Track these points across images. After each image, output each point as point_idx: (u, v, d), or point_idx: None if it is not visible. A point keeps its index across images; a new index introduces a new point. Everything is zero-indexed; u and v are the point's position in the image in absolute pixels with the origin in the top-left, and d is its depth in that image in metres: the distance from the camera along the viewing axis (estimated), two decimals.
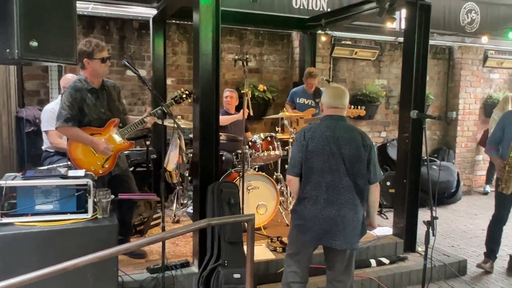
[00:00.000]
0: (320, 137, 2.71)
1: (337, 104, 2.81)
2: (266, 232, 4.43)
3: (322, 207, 2.68)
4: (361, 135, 2.73)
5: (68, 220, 2.61)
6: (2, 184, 2.51)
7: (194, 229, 3.23)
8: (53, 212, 2.61)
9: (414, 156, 4.34)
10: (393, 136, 7.67)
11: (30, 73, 5.45)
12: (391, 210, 4.85)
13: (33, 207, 2.58)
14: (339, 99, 2.81)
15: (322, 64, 6.85)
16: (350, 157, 2.67)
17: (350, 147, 2.68)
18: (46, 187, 2.60)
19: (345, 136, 2.70)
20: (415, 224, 4.37)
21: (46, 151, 4.23)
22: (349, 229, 2.67)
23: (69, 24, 2.40)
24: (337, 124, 2.75)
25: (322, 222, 2.68)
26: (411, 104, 4.26)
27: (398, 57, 7.60)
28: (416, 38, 4.24)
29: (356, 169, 2.67)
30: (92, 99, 3.35)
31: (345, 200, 2.67)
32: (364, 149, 2.68)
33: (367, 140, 2.73)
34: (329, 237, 2.69)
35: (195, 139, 3.72)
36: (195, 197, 3.81)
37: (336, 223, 2.67)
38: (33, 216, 2.57)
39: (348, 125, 2.78)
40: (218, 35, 3.52)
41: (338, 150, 2.67)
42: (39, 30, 2.20)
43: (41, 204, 2.59)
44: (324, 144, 2.69)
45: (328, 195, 2.67)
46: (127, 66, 3.29)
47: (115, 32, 5.91)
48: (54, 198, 2.61)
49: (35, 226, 2.52)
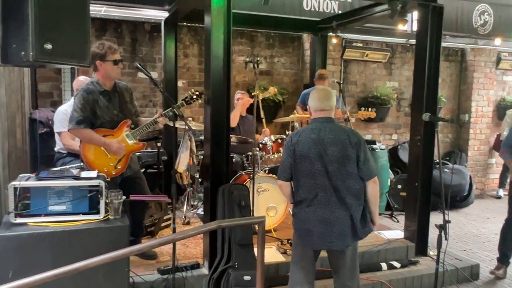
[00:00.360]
0: (305, 141, 2.73)
1: (323, 106, 2.82)
2: (276, 235, 4.43)
3: (315, 209, 2.70)
4: (347, 134, 2.71)
5: (80, 220, 2.63)
6: (16, 184, 2.53)
7: (205, 230, 3.24)
8: (66, 213, 2.63)
9: (426, 159, 4.30)
10: (404, 138, 7.62)
11: (44, 75, 5.52)
12: (402, 213, 4.82)
13: (46, 207, 2.60)
14: (324, 101, 2.82)
15: (333, 66, 6.84)
16: (337, 158, 2.66)
17: (336, 147, 2.67)
18: (59, 188, 2.62)
19: (330, 137, 2.70)
20: (426, 228, 4.33)
21: (58, 153, 4.28)
22: (344, 229, 2.67)
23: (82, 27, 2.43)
24: (323, 126, 2.76)
25: (317, 224, 2.70)
26: (423, 107, 4.22)
27: (410, 59, 7.55)
28: (429, 40, 4.21)
29: (345, 169, 2.66)
30: (104, 101, 3.38)
31: (337, 201, 2.67)
32: (351, 148, 2.67)
33: (354, 138, 2.70)
34: (326, 240, 2.70)
35: (206, 141, 3.73)
36: (206, 199, 3.81)
37: (331, 225, 2.67)
38: (46, 216, 2.59)
39: (334, 126, 2.77)
40: (230, 37, 3.53)
41: (324, 152, 2.68)
42: (53, 33, 2.23)
43: (54, 204, 2.61)
44: (309, 148, 2.70)
45: (320, 197, 2.69)
46: (139, 68, 3.31)
47: (127, 34, 5.96)
48: (66, 199, 2.63)
49: (48, 226, 2.54)
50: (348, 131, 2.74)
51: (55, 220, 2.59)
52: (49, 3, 2.22)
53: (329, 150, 2.67)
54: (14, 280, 1.80)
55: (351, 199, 2.67)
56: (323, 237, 2.70)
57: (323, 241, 2.70)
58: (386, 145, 7.01)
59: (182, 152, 4.95)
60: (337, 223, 2.67)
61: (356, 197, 2.69)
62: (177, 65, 5.75)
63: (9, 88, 3.55)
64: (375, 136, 7.51)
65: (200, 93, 3.69)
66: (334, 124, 2.79)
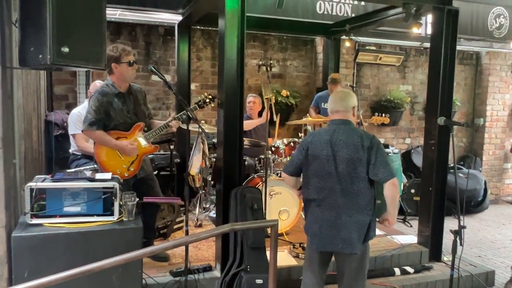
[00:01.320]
0: (318, 142, 2.74)
1: (338, 108, 2.81)
2: (288, 238, 4.41)
3: (323, 211, 2.71)
4: (360, 137, 2.68)
5: (94, 222, 2.66)
6: (32, 186, 2.57)
7: (218, 233, 3.24)
8: (81, 214, 2.67)
9: (440, 164, 4.26)
10: (417, 143, 7.55)
11: (59, 78, 5.60)
12: (416, 218, 4.77)
13: (61, 208, 2.63)
14: (340, 102, 2.81)
15: (346, 69, 6.81)
16: (347, 161, 2.65)
17: (348, 150, 2.65)
18: (74, 190, 2.66)
19: (343, 139, 2.69)
20: (440, 233, 4.28)
21: (73, 154, 4.33)
22: (350, 234, 2.65)
23: (99, 31, 2.46)
24: (337, 128, 2.75)
25: (323, 225, 2.71)
26: (438, 111, 4.19)
27: (424, 63, 7.49)
28: (443, 43, 4.17)
29: (355, 172, 2.64)
30: (118, 104, 3.42)
31: (344, 203, 2.66)
32: (362, 151, 2.64)
33: (367, 141, 2.66)
34: (331, 242, 2.69)
35: (219, 144, 3.74)
36: (218, 202, 3.82)
37: (337, 228, 2.67)
38: (61, 217, 2.63)
39: (348, 128, 2.75)
40: (243, 41, 3.54)
41: (335, 154, 2.67)
42: (70, 37, 2.27)
43: (69, 206, 2.65)
44: (321, 149, 2.71)
45: (328, 199, 2.69)
46: (153, 71, 3.33)
47: (141, 38, 6.02)
48: (81, 200, 2.66)
49: (63, 227, 2.57)
50: (362, 134, 2.72)
51: (70, 221, 2.63)
52: (66, 8, 2.26)
53: (340, 152, 2.67)
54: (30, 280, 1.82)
55: (359, 203, 2.66)
56: (329, 239, 2.70)
57: (329, 243, 2.71)
58: (399, 149, 6.96)
59: (195, 154, 4.96)
60: (343, 227, 2.66)
61: (364, 201, 2.67)
62: (190, 68, 5.77)
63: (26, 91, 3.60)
64: (388, 140, 7.46)
65: (213, 97, 3.70)
66: (349, 126, 2.77)
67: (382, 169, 2.64)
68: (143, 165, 3.56)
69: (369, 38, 6.87)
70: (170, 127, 3.56)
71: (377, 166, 2.64)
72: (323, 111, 5.97)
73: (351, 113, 2.83)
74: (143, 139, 3.50)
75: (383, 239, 4.50)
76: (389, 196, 2.70)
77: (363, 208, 2.67)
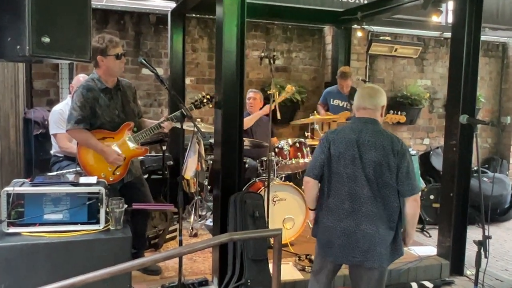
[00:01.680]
0: (343, 140, 2.71)
1: (366, 105, 2.78)
2: (293, 249, 4.41)
3: (340, 218, 2.68)
4: (391, 140, 2.67)
5: (78, 231, 2.65)
6: (9, 191, 2.57)
7: (215, 244, 3.23)
8: (63, 222, 2.66)
9: (463, 167, 4.24)
10: (437, 143, 7.55)
11: (39, 72, 5.60)
12: (435, 227, 4.75)
13: (41, 216, 2.62)
14: (368, 99, 2.78)
15: (357, 62, 6.81)
16: (374, 164, 2.63)
17: (376, 153, 2.63)
18: (56, 195, 2.65)
19: (371, 140, 2.67)
20: (463, 244, 4.27)
21: (55, 156, 4.33)
22: (371, 247, 2.63)
23: (83, 19, 2.46)
24: (365, 127, 2.72)
25: (339, 235, 2.68)
26: (459, 108, 4.17)
27: (444, 55, 7.49)
28: (466, 33, 4.15)
29: (382, 179, 2.62)
30: (105, 100, 3.42)
31: (367, 212, 2.63)
32: (393, 156, 2.62)
33: (398, 145, 2.65)
34: (349, 254, 2.67)
35: (217, 144, 3.74)
36: (216, 209, 3.82)
37: (356, 239, 2.65)
38: (41, 226, 2.62)
39: (377, 129, 2.73)
40: (243, 30, 3.54)
41: (361, 155, 2.65)
42: (51, 25, 2.26)
43: (50, 213, 2.64)
44: (346, 148, 2.68)
45: (348, 205, 2.67)
46: (143, 64, 3.32)
47: (130, 27, 6.02)
48: (64, 207, 2.66)
49: (44, 237, 2.57)
50: (392, 137, 2.70)
51: (51, 230, 2.61)
52: None
53: (367, 154, 2.64)
54: None
55: (384, 213, 2.64)
56: (345, 251, 2.67)
57: (345, 255, 2.68)
58: (416, 151, 6.95)
59: (190, 156, 4.96)
60: (364, 238, 2.63)
61: (391, 211, 2.65)
62: (184, 60, 5.78)
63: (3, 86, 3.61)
64: (405, 140, 7.35)
65: (212, 96, 3.70)
66: (378, 126, 2.74)
67: (407, 181, 2.61)
68: (131, 168, 3.56)
69: (384, 27, 6.88)
70: (162, 128, 3.56)
71: (408, 177, 2.62)
72: (332, 108, 5.96)
73: (380, 113, 2.80)
74: (132, 140, 3.50)
75: None
76: (410, 214, 2.69)
77: (388, 219, 2.65)
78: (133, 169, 3.61)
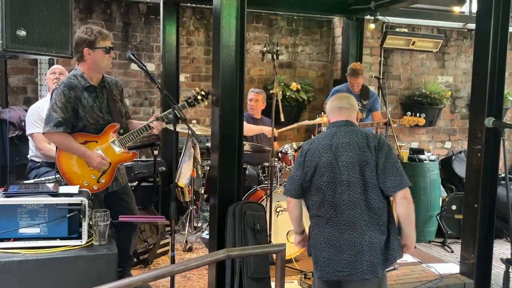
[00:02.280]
0: (317, 148, 2.79)
1: (342, 104, 2.88)
2: (298, 266, 4.39)
3: (323, 229, 2.73)
4: (365, 136, 2.74)
5: (57, 247, 2.62)
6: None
7: (211, 261, 3.21)
8: (40, 237, 2.63)
9: (489, 174, 4.21)
10: (460, 147, 7.53)
11: (15, 67, 5.61)
12: (458, 241, 4.73)
13: (16, 230, 2.60)
14: (344, 98, 2.94)
15: (370, 57, 6.81)
16: (352, 165, 2.68)
17: (352, 152, 2.69)
18: (33, 207, 2.63)
19: (344, 141, 2.73)
20: (489, 261, 4.24)
21: (32, 161, 4.31)
22: (359, 254, 2.63)
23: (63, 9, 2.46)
24: (338, 130, 2.81)
25: (324, 247, 2.72)
26: (485, 108, 4.15)
27: (468, 48, 7.48)
28: (492, 24, 4.13)
29: (363, 179, 2.66)
30: (89, 100, 3.40)
31: (349, 219, 2.66)
32: (369, 152, 2.68)
33: (374, 141, 2.72)
34: (333, 268, 2.69)
35: (214, 149, 3.73)
36: (212, 221, 3.81)
37: (340, 250, 2.67)
38: (16, 241, 2.60)
39: (350, 129, 2.80)
40: (244, 21, 3.53)
41: (337, 159, 2.71)
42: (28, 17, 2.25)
43: (26, 226, 2.62)
44: (320, 156, 2.75)
45: (329, 215, 2.71)
46: (132, 59, 3.32)
47: (118, 17, 6.02)
48: (41, 220, 2.64)
49: (19, 253, 2.54)
50: (367, 134, 2.78)
51: (27, 245, 2.59)
52: None
53: (343, 156, 2.70)
54: None
55: (370, 217, 2.65)
56: (329, 265, 2.70)
57: (330, 269, 2.70)
58: (437, 155, 6.91)
59: (184, 162, 4.95)
60: (348, 248, 2.65)
61: (377, 214, 2.66)
62: (178, 55, 5.78)
63: None
64: (423, 144, 7.43)
65: (207, 92, 3.69)
66: (352, 128, 2.82)
67: (389, 177, 2.65)
68: (117, 176, 3.55)
69: (400, 18, 6.87)
70: (151, 129, 3.54)
71: (386, 172, 2.66)
72: None
73: (356, 115, 2.92)
74: (118, 144, 3.48)
75: (417, 268, 4.47)
76: (402, 214, 2.70)
77: (376, 222, 2.66)
78: (119, 177, 3.60)
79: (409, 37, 6.93)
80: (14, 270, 2.49)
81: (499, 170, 4.31)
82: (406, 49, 7.06)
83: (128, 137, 3.51)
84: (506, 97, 7.22)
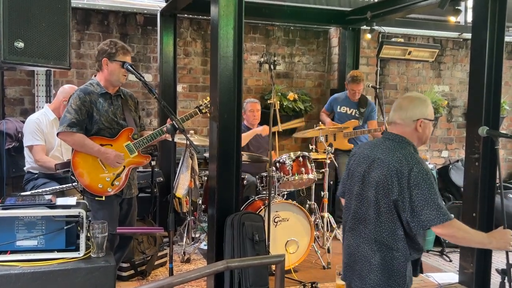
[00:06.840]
0: (358, 156, 2.78)
1: (394, 119, 2.72)
2: (297, 276, 4.37)
3: (347, 236, 2.78)
4: (398, 160, 2.53)
5: (55, 259, 2.60)
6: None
7: (210, 273, 3.18)
8: (38, 250, 2.61)
9: (486, 183, 4.21)
10: (457, 156, 7.54)
11: (12, 78, 5.58)
12: (457, 250, 4.71)
13: (13, 243, 2.58)
14: (398, 111, 2.70)
15: (367, 67, 6.82)
16: (377, 184, 2.58)
17: (381, 171, 2.56)
18: (30, 219, 2.61)
19: (381, 157, 2.61)
20: (487, 270, 4.22)
21: (29, 173, 4.30)
22: (365, 269, 2.61)
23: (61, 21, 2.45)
24: (382, 143, 2.70)
25: (345, 253, 2.79)
26: (481, 117, 4.16)
27: (464, 58, 7.50)
28: (488, 33, 4.15)
29: (385, 201, 2.53)
30: (104, 104, 3.49)
31: (365, 232, 2.65)
32: (397, 177, 2.49)
33: (406, 168, 2.49)
34: (350, 273, 2.74)
35: (212, 159, 3.73)
36: (211, 232, 3.79)
37: (354, 260, 2.70)
38: (13, 254, 2.57)
39: (392, 146, 2.63)
40: (241, 32, 3.56)
41: (368, 173, 2.65)
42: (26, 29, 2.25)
43: (23, 239, 2.59)
44: (358, 164, 2.75)
45: (351, 224, 2.74)
46: (129, 70, 3.35)
47: (115, 28, 6.02)
48: (39, 232, 2.61)
49: (15, 266, 2.52)
50: (403, 156, 2.55)
51: (24, 258, 2.56)
52: None
53: (374, 172, 2.61)
54: None
55: (384, 237, 2.57)
56: (348, 270, 2.75)
57: (348, 275, 2.76)
58: (434, 164, 6.93)
59: (182, 172, 4.94)
60: (360, 260, 2.65)
61: (392, 237, 2.55)
62: (176, 66, 5.79)
63: None
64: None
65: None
66: (396, 144, 2.63)
67: (426, 210, 2.44)
68: (131, 183, 3.63)
69: (396, 28, 6.90)
70: (164, 133, 3.61)
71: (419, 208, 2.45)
72: (339, 116, 5.95)
73: (413, 128, 2.66)
74: (132, 148, 3.55)
75: (416, 279, 4.40)
76: (453, 241, 2.69)
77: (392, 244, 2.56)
78: (133, 186, 3.68)
79: (405, 47, 6.95)
80: (11, 283, 2.46)
81: (496, 179, 4.31)
82: (402, 59, 7.08)
83: (142, 141, 3.59)
84: (502, 106, 7.24)
